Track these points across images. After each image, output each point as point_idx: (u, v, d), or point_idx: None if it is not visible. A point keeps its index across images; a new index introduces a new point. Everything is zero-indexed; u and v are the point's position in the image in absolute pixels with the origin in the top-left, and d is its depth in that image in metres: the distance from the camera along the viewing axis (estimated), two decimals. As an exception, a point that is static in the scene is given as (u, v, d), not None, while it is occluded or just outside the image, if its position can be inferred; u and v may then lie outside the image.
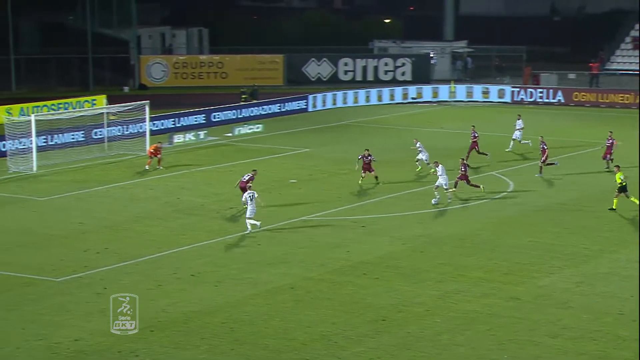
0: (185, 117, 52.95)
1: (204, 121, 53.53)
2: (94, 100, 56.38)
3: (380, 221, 34.01)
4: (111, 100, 53.40)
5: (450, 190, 35.80)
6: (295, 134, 51.64)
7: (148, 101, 47.33)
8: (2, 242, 30.94)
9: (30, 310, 24.75)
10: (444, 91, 64.61)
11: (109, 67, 69.31)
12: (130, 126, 47.70)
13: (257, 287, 26.88)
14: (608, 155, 41.99)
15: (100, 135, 46.93)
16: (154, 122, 49.76)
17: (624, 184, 34.60)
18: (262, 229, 32.43)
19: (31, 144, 42.26)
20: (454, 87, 64.57)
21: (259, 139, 50.73)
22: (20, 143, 42.91)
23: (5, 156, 42.41)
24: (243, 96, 59.47)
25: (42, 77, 66.08)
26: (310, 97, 60.84)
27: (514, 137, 46.26)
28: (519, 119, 46.64)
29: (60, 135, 45.88)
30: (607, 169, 41.52)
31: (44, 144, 44.48)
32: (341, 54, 71.26)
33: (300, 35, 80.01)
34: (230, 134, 51.47)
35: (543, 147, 40.52)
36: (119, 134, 47.40)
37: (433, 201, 35.52)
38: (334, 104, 61.82)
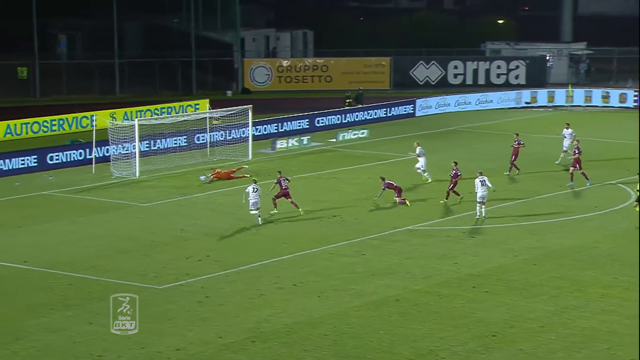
0: (289, 122, 53.47)
1: (307, 126, 53.95)
2: (197, 104, 57.54)
3: (490, 232, 33.63)
4: (214, 105, 54.42)
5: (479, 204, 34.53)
6: (402, 140, 51.52)
7: (251, 105, 48.02)
8: (105, 248, 31.87)
9: (132, 317, 25.38)
10: (560, 95, 63.44)
11: (212, 71, 70.54)
12: (233, 131, 48.48)
13: (361, 298, 26.94)
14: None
15: (203, 140, 47.85)
16: (257, 127, 50.43)
17: None
18: (364, 238, 32.53)
19: (134, 149, 43.39)
20: (572, 91, 63.31)
21: (363, 145, 50.83)
22: (123, 148, 44.12)
23: (109, 161, 43.66)
24: (347, 100, 59.69)
25: (145, 81, 67.68)
26: (418, 101, 60.64)
27: (564, 148, 43.47)
28: (567, 128, 44.22)
29: (163, 140, 46.98)
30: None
31: (147, 149, 45.61)
32: (451, 56, 70.80)
33: (408, 37, 79.81)
34: (334, 140, 51.73)
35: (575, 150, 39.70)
36: (221, 139, 48.23)
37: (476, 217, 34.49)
38: (443, 108, 61.46)
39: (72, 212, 36.30)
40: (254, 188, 34.33)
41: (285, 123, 53.28)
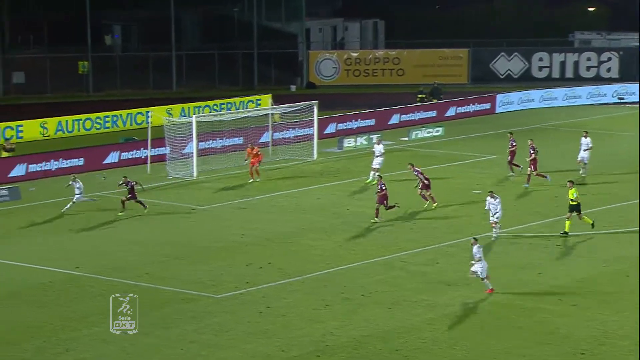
0: (357, 119, 53.45)
1: (377, 124, 53.87)
2: (259, 100, 57.86)
3: (577, 239, 33.18)
4: (277, 100, 54.61)
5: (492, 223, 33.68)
6: (480, 139, 51.13)
7: (317, 101, 48.10)
8: (160, 254, 32.21)
9: (189, 329, 25.61)
10: (657, 91, 62.34)
11: (275, 64, 70.79)
12: (297, 129, 48.61)
13: (435, 310, 26.78)
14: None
15: (265, 138, 48.06)
16: (323, 124, 50.50)
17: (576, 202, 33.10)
18: (439, 245, 32.35)
19: (191, 147, 43.77)
20: (670, 85, 62.20)
21: (438, 144, 50.57)
22: (180, 146, 44.53)
23: (165, 160, 44.11)
24: (419, 96, 59.44)
25: (204, 75, 68.22)
26: (498, 96, 60.12)
27: (579, 159, 42.11)
28: (585, 137, 42.84)
29: (222, 138, 47.31)
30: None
31: (205, 147, 45.97)
32: (535, 47, 70.09)
33: (488, 27, 79.11)
34: (406, 138, 51.57)
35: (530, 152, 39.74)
36: (284, 137, 48.40)
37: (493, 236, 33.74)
38: (526, 104, 60.84)
39: (125, 215, 36.75)
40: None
41: (353, 120, 53.27)
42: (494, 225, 33.25)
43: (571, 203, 33.58)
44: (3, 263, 31.04)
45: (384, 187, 35.34)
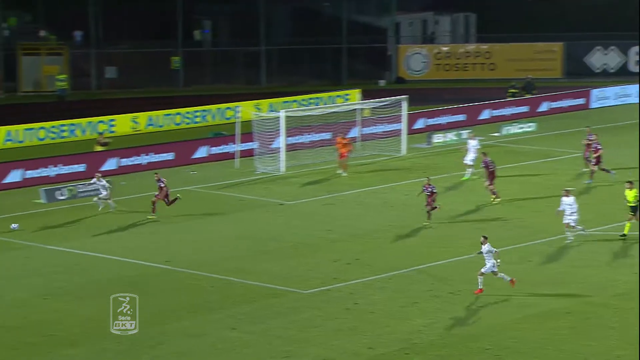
0: (447, 115, 53.17)
1: (467, 119, 53.50)
2: (347, 95, 57.96)
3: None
4: (365, 95, 54.66)
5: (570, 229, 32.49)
6: (574, 135, 50.34)
7: (406, 96, 47.99)
8: (247, 249, 32.54)
9: (276, 324, 25.84)
10: None
11: (363, 59, 70.77)
12: (386, 124, 48.58)
13: (526, 309, 26.55)
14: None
15: (353, 133, 48.13)
16: (412, 119, 50.36)
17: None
18: (530, 243, 32.01)
19: (279, 142, 44.08)
20: None
21: (530, 140, 50.00)
22: (268, 141, 44.89)
23: (253, 155, 44.52)
24: (511, 90, 58.78)
25: (292, 70, 68.56)
26: (593, 91, 59.14)
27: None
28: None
29: (310, 133, 47.54)
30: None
31: (293, 142, 46.24)
32: (634, 40, 68.62)
33: (584, 20, 77.76)
34: (497, 134, 51.09)
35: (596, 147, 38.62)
36: (373, 132, 48.41)
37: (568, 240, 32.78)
38: (623, 100, 59.72)
39: (213, 210, 37.23)
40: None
41: (442, 115, 52.99)
42: (568, 226, 32.26)
43: (630, 204, 32.64)
44: (96, 256, 31.74)
45: (434, 191, 34.67)
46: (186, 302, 27.41)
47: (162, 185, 35.87)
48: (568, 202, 32.30)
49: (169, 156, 44.61)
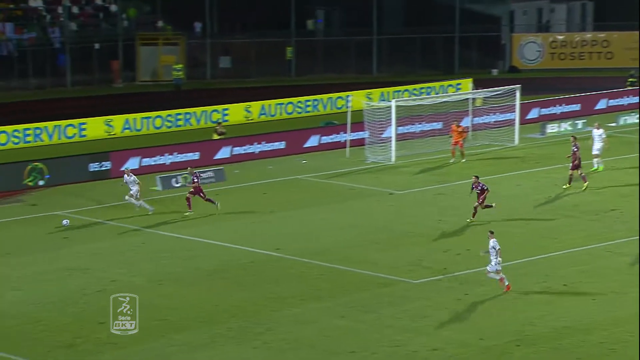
0: (561, 104, 52.23)
1: (582, 108, 52.46)
2: (459, 84, 57.44)
3: None
4: (478, 85, 54.02)
5: None
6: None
7: (519, 85, 47.30)
8: (358, 238, 32.56)
9: (386, 313, 25.81)
10: None
11: (476, 48, 70.01)
12: (498, 114, 47.97)
13: (642, 304, 25.91)
14: None
15: (465, 123, 47.66)
16: (525, 109, 49.63)
17: None
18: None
19: (390, 132, 43.97)
20: None
21: (648, 130, 48.71)
22: (379, 131, 44.81)
23: (364, 145, 44.50)
24: (630, 79, 57.43)
25: (404, 59, 68.27)
26: None
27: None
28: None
29: (421, 123, 47.28)
30: None
31: (404, 132, 46.08)
32: None
33: None
34: (614, 124, 49.97)
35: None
36: (485, 122, 47.88)
37: None
38: None
39: (324, 198, 37.36)
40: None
41: (557, 105, 52.07)
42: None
43: None
44: (208, 243, 32.21)
45: (485, 188, 33.77)
46: (296, 290, 27.59)
47: (195, 179, 35.20)
48: None
49: (280, 145, 44.94)
